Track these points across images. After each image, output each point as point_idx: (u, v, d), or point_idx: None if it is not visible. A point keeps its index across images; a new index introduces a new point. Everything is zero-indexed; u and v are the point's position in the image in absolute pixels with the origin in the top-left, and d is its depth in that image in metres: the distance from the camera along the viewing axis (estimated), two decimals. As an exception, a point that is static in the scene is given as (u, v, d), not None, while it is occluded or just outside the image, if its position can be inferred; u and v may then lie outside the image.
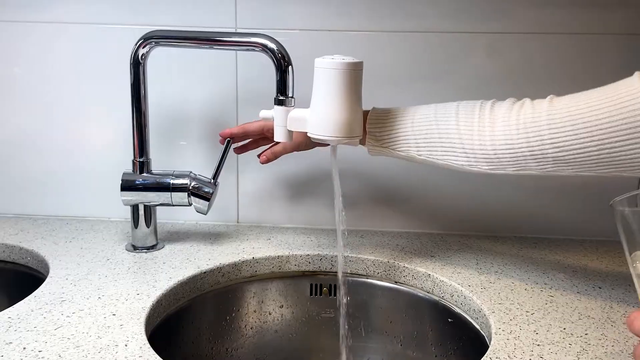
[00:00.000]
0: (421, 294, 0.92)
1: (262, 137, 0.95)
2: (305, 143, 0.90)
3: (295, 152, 0.92)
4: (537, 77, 1.01)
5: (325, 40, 1.02)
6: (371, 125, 0.81)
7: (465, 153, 0.74)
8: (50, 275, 0.85)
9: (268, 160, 0.93)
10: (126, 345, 0.67)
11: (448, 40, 1.01)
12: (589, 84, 0.67)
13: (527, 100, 0.72)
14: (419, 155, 0.78)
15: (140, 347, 0.67)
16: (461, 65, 1.02)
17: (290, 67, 0.83)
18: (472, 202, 1.08)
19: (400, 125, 0.79)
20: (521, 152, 0.69)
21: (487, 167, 0.73)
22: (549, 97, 0.70)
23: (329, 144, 0.81)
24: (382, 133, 0.81)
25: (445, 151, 0.76)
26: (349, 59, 0.77)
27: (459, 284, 0.86)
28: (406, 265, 0.94)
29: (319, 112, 0.79)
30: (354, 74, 0.77)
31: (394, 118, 0.80)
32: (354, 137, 0.79)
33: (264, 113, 0.86)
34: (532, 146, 0.69)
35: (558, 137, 0.66)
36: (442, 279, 0.89)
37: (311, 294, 0.98)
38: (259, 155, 0.94)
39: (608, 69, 0.97)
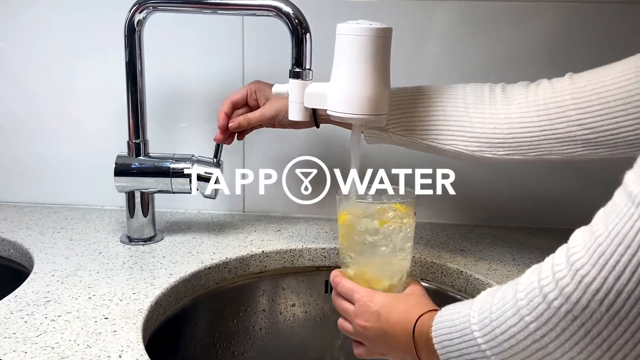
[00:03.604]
0: (452, 293, 0.84)
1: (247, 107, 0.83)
2: (280, 118, 0.79)
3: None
4: (561, 47, 0.94)
5: (343, 7, 0.93)
6: None
7: (476, 138, 0.68)
8: (34, 270, 0.78)
9: (239, 127, 0.81)
10: (120, 357, 0.58)
11: (475, 8, 0.92)
12: (613, 54, 0.63)
13: (543, 80, 0.67)
14: (422, 140, 0.72)
15: (137, 359, 0.57)
16: (488, 36, 0.94)
17: (308, 34, 0.74)
18: (503, 191, 1.01)
19: (400, 107, 0.73)
20: (544, 135, 0.65)
21: (502, 153, 0.67)
22: (567, 74, 0.66)
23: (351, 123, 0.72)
24: None
25: (453, 136, 0.70)
26: (377, 25, 0.68)
27: (497, 283, 0.77)
28: (434, 260, 0.85)
29: (341, 86, 0.70)
30: (382, 42, 0.68)
31: (394, 99, 0.73)
32: (381, 115, 0.70)
33: (277, 88, 0.77)
34: (557, 129, 0.64)
35: (587, 118, 0.62)
36: (478, 277, 0.81)
37: (327, 292, 0.91)
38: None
39: (632, 38, 0.92)
